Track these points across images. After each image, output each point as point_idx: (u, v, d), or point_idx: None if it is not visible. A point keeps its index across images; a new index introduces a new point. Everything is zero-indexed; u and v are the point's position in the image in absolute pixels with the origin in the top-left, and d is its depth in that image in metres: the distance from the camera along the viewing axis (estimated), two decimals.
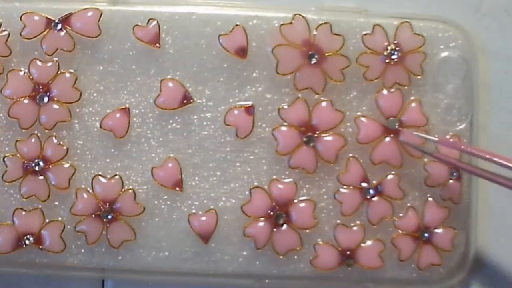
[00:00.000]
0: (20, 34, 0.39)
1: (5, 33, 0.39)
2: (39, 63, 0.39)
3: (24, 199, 0.40)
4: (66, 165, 0.40)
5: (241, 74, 0.40)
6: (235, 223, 0.40)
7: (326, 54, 0.40)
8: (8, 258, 0.40)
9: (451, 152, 0.40)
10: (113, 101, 0.40)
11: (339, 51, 0.40)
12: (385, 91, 0.40)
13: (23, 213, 0.40)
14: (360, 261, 0.40)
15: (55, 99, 0.39)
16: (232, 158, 0.40)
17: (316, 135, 0.40)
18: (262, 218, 0.40)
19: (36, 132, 0.40)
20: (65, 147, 0.40)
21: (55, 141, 0.40)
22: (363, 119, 0.40)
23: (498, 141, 0.41)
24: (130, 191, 0.40)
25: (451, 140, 0.40)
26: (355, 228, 0.40)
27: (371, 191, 0.40)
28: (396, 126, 0.40)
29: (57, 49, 0.39)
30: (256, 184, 0.40)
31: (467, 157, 0.40)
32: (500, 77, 0.42)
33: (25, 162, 0.39)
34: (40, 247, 0.39)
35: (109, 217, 0.39)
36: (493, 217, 0.42)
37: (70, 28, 0.39)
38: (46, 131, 0.40)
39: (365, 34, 0.40)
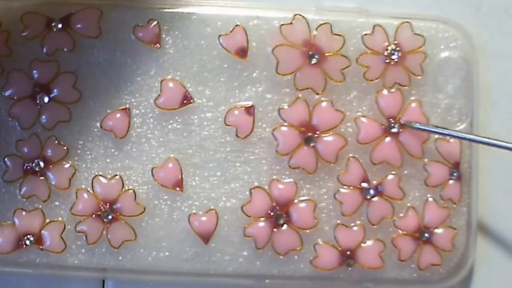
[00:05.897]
0: (20, 34, 0.39)
1: (5, 33, 0.39)
2: (39, 63, 0.39)
3: (24, 199, 0.40)
4: (67, 165, 0.40)
5: (241, 74, 0.40)
6: (236, 223, 0.40)
7: (327, 54, 0.40)
8: (8, 258, 0.40)
9: (453, 148, 0.40)
10: (113, 101, 0.40)
11: (339, 51, 0.40)
12: (385, 91, 0.40)
13: (24, 213, 0.39)
14: (360, 261, 0.40)
15: (55, 99, 0.39)
16: (232, 158, 0.40)
17: (316, 135, 0.40)
18: (262, 218, 0.40)
19: (36, 132, 0.40)
20: (65, 147, 0.40)
21: (55, 141, 0.40)
22: (363, 119, 0.40)
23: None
24: (131, 191, 0.40)
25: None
26: (355, 228, 0.40)
27: (371, 191, 0.40)
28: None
29: (57, 49, 0.39)
30: (256, 184, 0.40)
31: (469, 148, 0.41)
32: (500, 77, 0.42)
33: (25, 162, 0.39)
34: (41, 247, 0.39)
35: (110, 217, 0.39)
36: (493, 217, 0.42)
37: (70, 28, 0.39)
38: (46, 131, 0.40)
39: (365, 34, 0.40)
